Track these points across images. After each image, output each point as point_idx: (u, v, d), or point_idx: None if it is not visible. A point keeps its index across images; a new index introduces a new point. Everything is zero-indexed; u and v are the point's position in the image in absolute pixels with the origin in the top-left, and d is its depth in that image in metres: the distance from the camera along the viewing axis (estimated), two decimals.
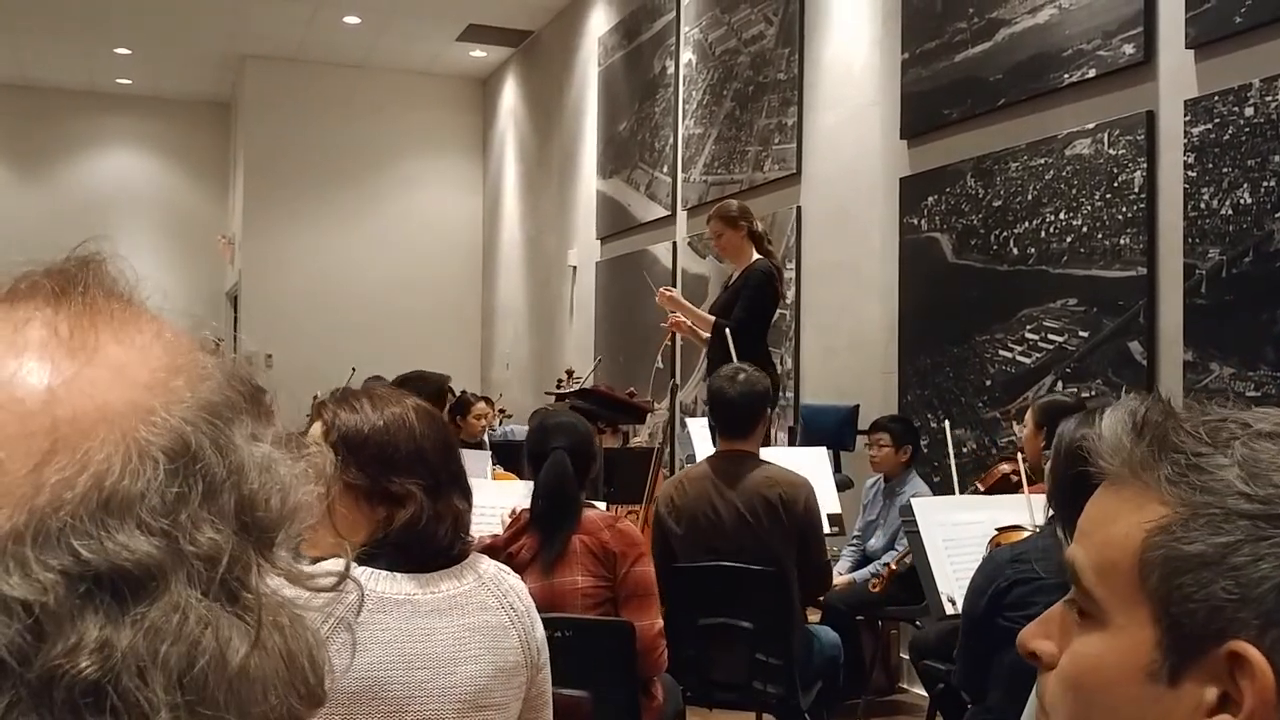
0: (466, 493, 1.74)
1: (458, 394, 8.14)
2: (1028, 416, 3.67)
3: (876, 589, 4.44)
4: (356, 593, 0.56)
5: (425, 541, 1.66)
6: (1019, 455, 3.63)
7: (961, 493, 4.22)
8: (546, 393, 7.77)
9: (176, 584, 0.43)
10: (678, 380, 7.52)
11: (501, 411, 8.43)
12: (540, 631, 1.77)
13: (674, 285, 7.47)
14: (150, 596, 0.42)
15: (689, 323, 5.19)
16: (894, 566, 4.36)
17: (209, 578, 0.44)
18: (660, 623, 2.84)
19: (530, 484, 3.02)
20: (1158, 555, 0.64)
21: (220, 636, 0.43)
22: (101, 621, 0.41)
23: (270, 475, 0.48)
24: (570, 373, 7.76)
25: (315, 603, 0.50)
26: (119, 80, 12.19)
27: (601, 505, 3.24)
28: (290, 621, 0.47)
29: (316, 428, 1.73)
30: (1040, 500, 3.09)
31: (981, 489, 4.22)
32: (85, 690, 0.40)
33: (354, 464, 1.67)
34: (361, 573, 1.63)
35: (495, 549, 2.74)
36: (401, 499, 1.67)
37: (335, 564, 0.54)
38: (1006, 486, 3.97)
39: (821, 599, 4.28)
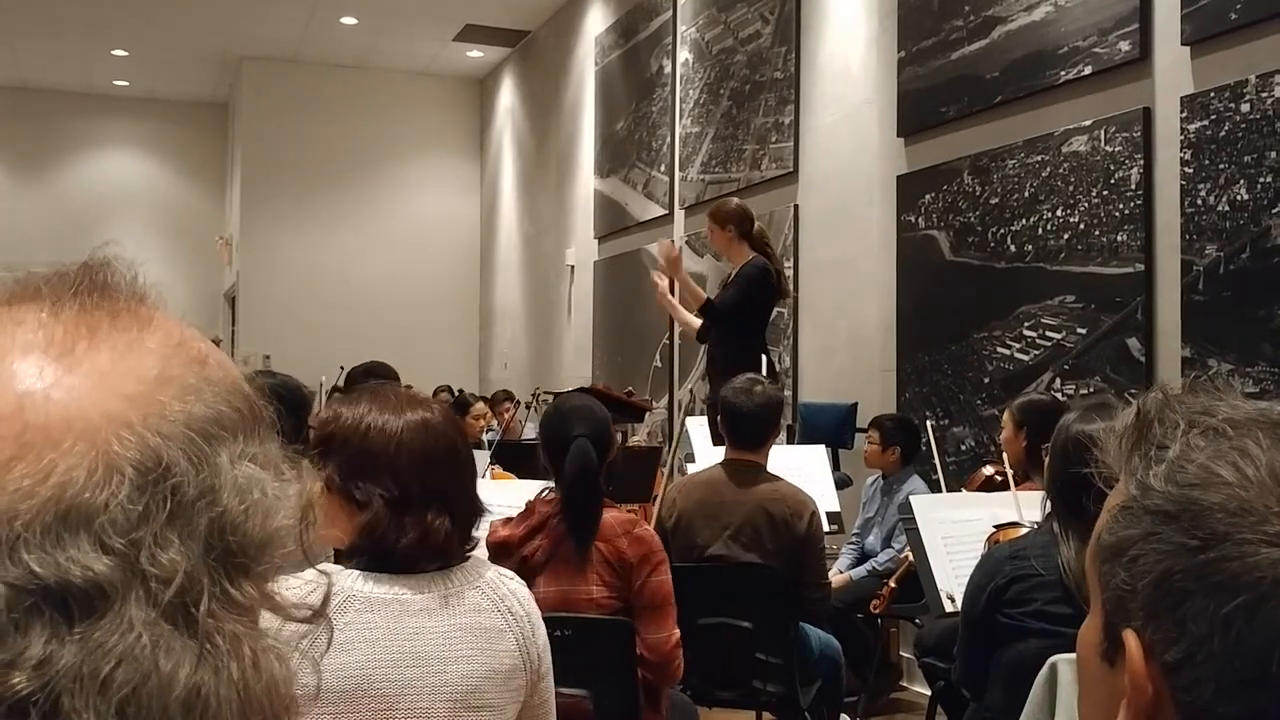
0: (448, 507, 1.70)
1: (455, 394, 8.15)
2: (1006, 417, 3.67)
3: (878, 609, 4.44)
4: (329, 632, 0.54)
5: (385, 551, 1.65)
6: (1003, 456, 3.63)
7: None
8: (545, 390, 7.76)
9: (127, 604, 0.41)
10: (676, 382, 7.52)
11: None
12: (542, 638, 1.76)
13: (671, 285, 7.47)
14: (98, 614, 0.40)
15: (668, 294, 5.22)
16: (893, 585, 4.35)
17: (165, 600, 0.42)
18: (677, 633, 2.72)
19: (533, 484, 2.98)
20: (1099, 543, 0.68)
21: (166, 661, 0.41)
22: (45, 636, 0.39)
23: (251, 499, 0.46)
24: (542, 391, 7.76)
25: (288, 634, 0.48)
26: (116, 82, 12.18)
27: None
28: (253, 652, 0.45)
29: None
30: (1027, 498, 3.10)
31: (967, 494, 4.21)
32: (13, 707, 0.38)
33: (331, 461, 1.68)
34: (351, 573, 1.65)
35: (510, 547, 2.68)
36: (363, 505, 1.67)
37: (317, 593, 0.52)
38: (991, 489, 3.97)
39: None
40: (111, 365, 0.45)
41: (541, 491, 2.80)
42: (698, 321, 5.16)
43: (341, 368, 5.85)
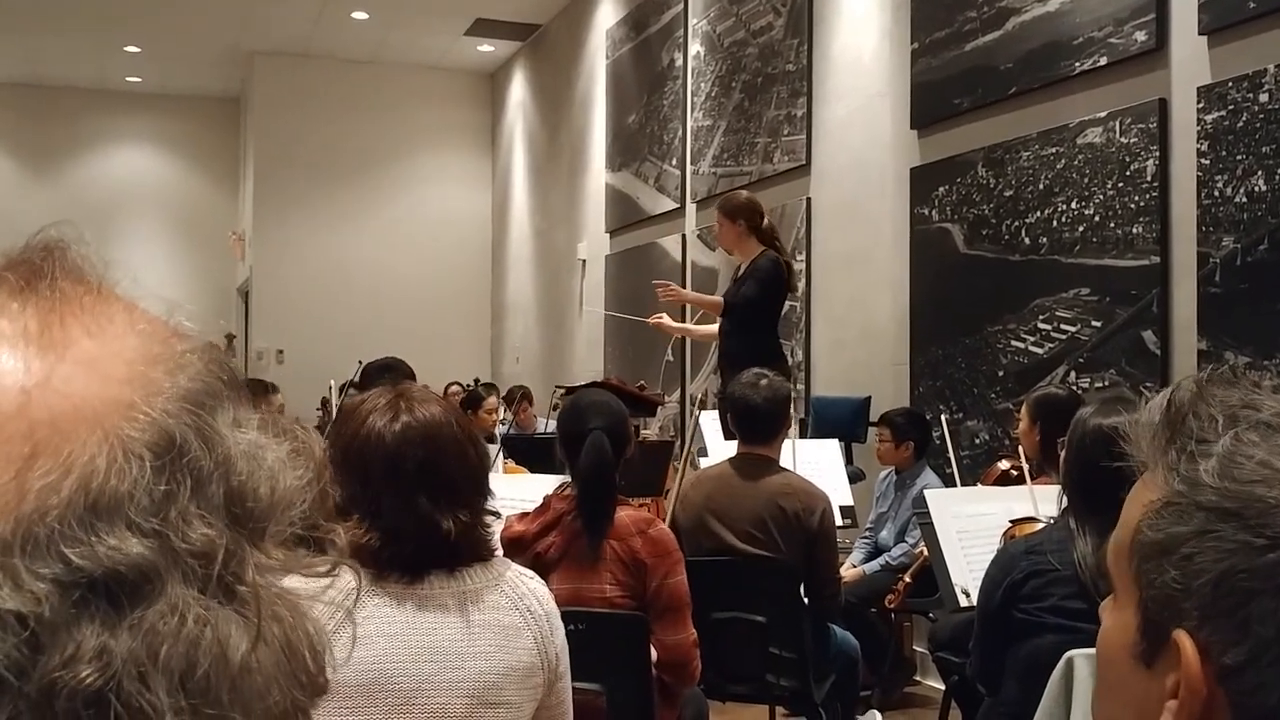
0: (378, 523, 1.67)
1: (468, 387, 8.15)
2: (1023, 411, 3.65)
3: (893, 604, 4.43)
4: (354, 578, 0.55)
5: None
6: (1018, 450, 3.61)
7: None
8: (557, 385, 7.76)
9: (172, 584, 0.41)
10: (687, 376, 7.51)
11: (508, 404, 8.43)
12: (561, 638, 1.76)
13: (683, 278, 7.47)
14: (146, 599, 0.41)
15: (676, 326, 5.26)
16: (908, 579, 4.34)
17: (205, 575, 0.42)
18: (694, 634, 2.70)
19: (549, 478, 2.95)
20: (1140, 539, 0.65)
21: (221, 635, 0.42)
22: (98, 629, 0.40)
23: (257, 463, 0.46)
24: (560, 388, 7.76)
25: (313, 589, 0.49)
26: (129, 78, 12.21)
27: None
28: (289, 612, 0.46)
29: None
30: (1043, 492, 3.08)
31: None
32: (88, 700, 0.39)
33: None
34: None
35: (523, 542, 2.67)
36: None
37: (343, 578, 0.53)
38: (1007, 483, 3.95)
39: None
40: (98, 350, 0.44)
41: (560, 487, 2.79)
42: (715, 328, 5.19)
43: (360, 363, 5.85)
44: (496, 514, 1.83)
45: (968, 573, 3.07)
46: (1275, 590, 0.58)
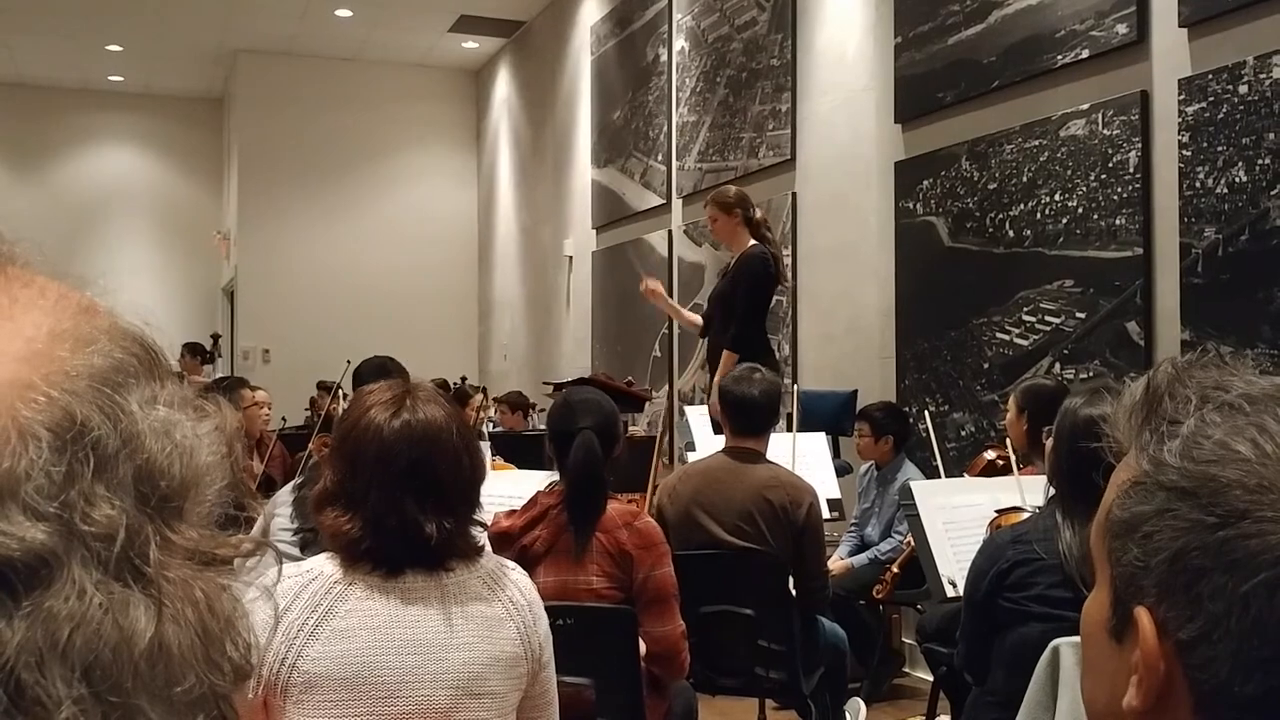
0: (361, 512, 1.69)
1: (453, 386, 8.14)
2: (1010, 401, 3.67)
3: (881, 594, 4.45)
4: (335, 568, 0.55)
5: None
6: (1006, 441, 3.63)
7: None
8: (545, 381, 7.76)
9: (72, 568, 0.40)
10: (675, 369, 7.52)
11: (496, 400, 8.44)
12: (544, 628, 1.76)
13: (669, 273, 7.48)
14: (43, 584, 0.39)
15: (664, 295, 5.36)
16: (896, 570, 4.36)
17: (108, 557, 0.41)
18: (682, 626, 2.71)
19: (537, 474, 2.96)
20: (1110, 518, 0.67)
21: (124, 618, 0.40)
22: None
23: (169, 440, 0.44)
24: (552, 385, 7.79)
25: (235, 570, 0.47)
26: (111, 77, 12.15)
27: None
28: (205, 594, 0.44)
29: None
30: (1030, 482, 3.09)
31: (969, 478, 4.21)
32: None
33: None
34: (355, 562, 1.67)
35: (509, 536, 2.68)
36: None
37: (318, 582, 0.52)
38: (993, 473, 3.96)
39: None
40: None
41: (549, 485, 2.79)
42: (698, 319, 5.27)
43: (348, 362, 5.83)
44: (484, 525, 1.83)
45: (954, 563, 3.09)
46: (1224, 568, 0.59)
